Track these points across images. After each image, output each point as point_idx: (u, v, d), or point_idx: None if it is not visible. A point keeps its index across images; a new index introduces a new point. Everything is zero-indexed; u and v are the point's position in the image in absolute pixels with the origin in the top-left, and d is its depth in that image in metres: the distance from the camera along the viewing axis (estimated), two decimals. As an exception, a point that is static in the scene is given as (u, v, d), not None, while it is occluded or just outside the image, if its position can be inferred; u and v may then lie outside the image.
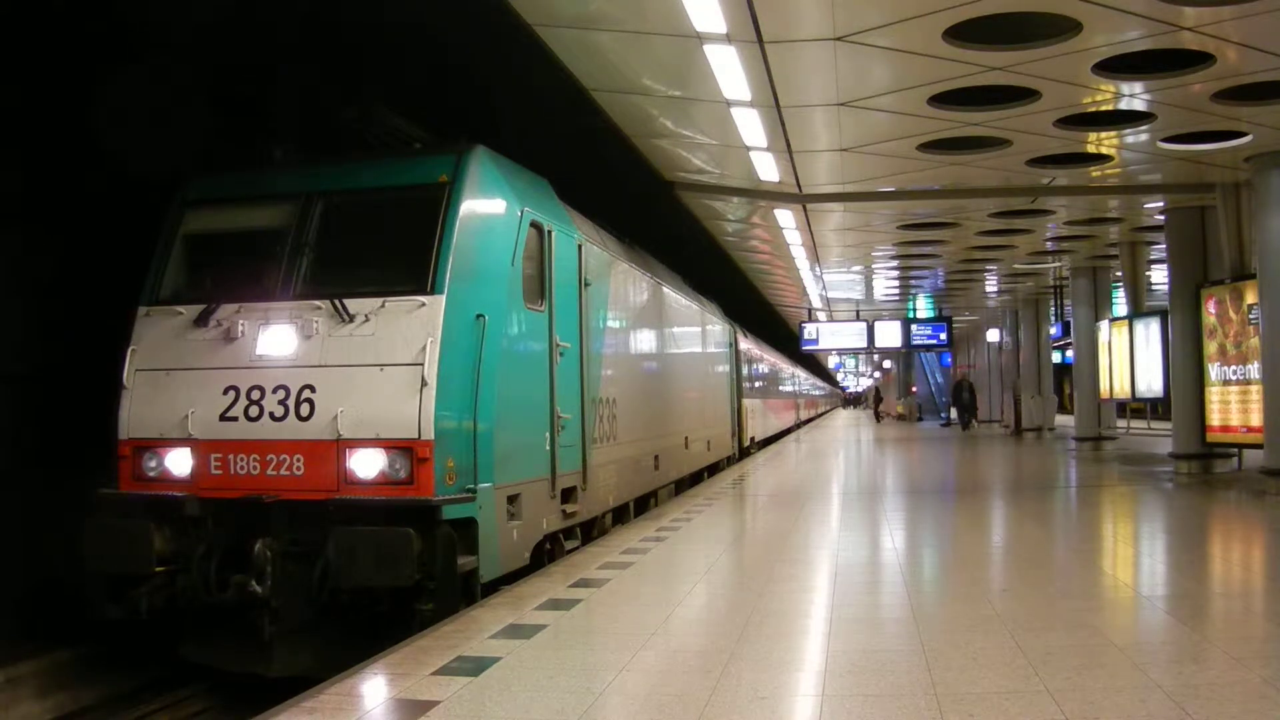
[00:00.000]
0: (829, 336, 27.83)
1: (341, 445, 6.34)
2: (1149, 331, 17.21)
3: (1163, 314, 16.42)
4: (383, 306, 6.58)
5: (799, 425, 40.86)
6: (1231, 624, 5.96)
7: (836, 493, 13.75)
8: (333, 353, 6.54)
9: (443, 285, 6.58)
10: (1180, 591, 6.94)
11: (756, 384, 25.37)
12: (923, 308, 30.29)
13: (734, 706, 4.20)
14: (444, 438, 6.35)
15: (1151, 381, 17.19)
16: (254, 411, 6.51)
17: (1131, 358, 17.85)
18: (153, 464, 6.75)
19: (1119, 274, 20.56)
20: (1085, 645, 5.09)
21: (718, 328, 18.53)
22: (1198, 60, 8.49)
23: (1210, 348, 13.58)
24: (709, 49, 8.10)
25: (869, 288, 26.13)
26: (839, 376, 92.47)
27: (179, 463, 6.67)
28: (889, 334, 26.30)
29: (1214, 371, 13.53)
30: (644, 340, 12.31)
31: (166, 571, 6.42)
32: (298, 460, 6.39)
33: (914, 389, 50.19)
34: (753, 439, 22.86)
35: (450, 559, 6.20)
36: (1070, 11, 7.48)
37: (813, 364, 58.49)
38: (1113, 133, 10.93)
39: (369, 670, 4.86)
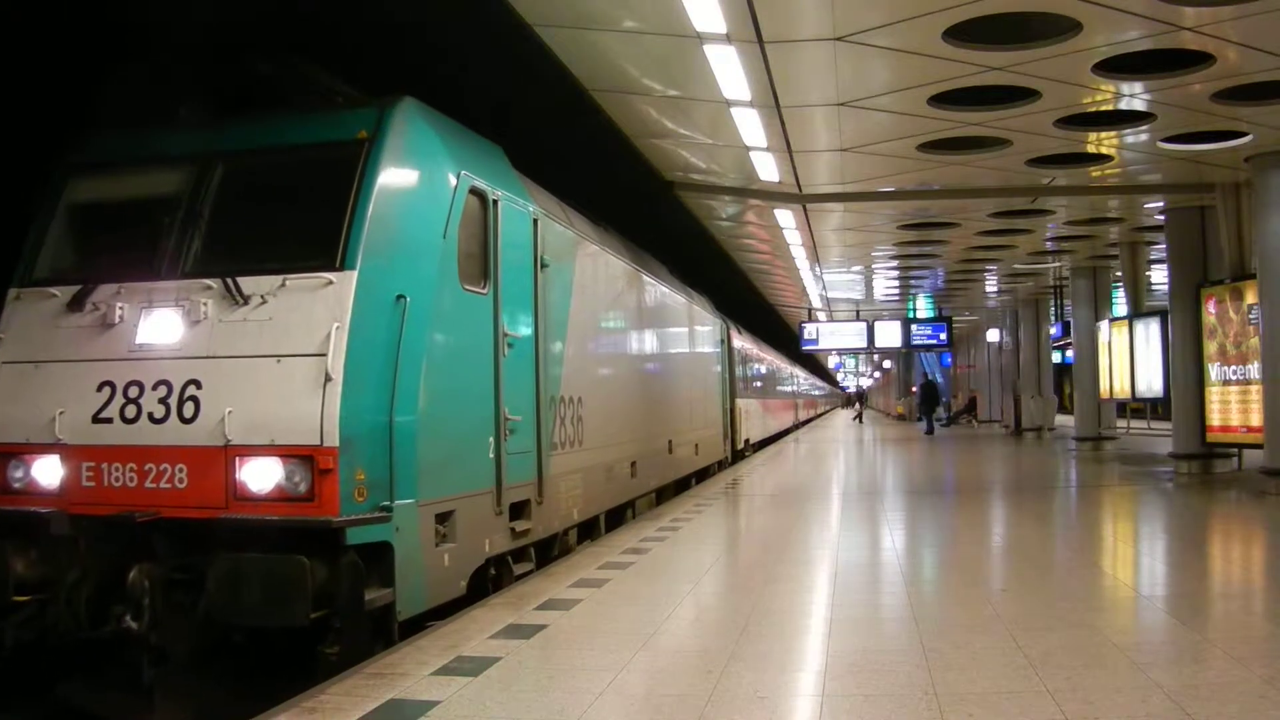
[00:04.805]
0: (829, 336, 27.83)
1: (230, 453, 5.36)
2: (1149, 331, 17.21)
3: (1163, 314, 16.42)
4: (283, 286, 5.60)
5: (797, 426, 40.81)
6: (1231, 624, 5.96)
7: (835, 494, 13.75)
8: (222, 341, 5.59)
9: (354, 260, 5.59)
10: (1180, 591, 6.94)
11: (752, 384, 25.22)
12: (923, 308, 30.29)
13: (734, 706, 4.20)
14: (352, 444, 5.36)
15: (1151, 381, 17.19)
16: (131, 411, 5.55)
17: (1131, 358, 17.85)
18: (19, 474, 5.77)
19: (1119, 274, 20.57)
20: (1085, 645, 5.09)
21: (708, 323, 17.54)
22: (1198, 60, 8.50)
23: (1210, 348, 13.58)
24: (709, 49, 8.11)
25: (869, 288, 26.14)
26: (839, 376, 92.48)
27: (47, 472, 5.69)
28: (889, 334, 26.30)
29: (1214, 371, 13.53)
30: (618, 333, 11.09)
31: (34, 601, 5.49)
32: (180, 470, 5.43)
33: (914, 389, 50.19)
34: (747, 441, 22.43)
35: (356, 593, 5.27)
36: (1070, 11, 7.49)
37: (812, 364, 58.50)
38: (1113, 133, 10.94)
39: (368, 670, 4.86)
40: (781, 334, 38.10)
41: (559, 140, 13.17)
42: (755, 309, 32.32)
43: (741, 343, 22.57)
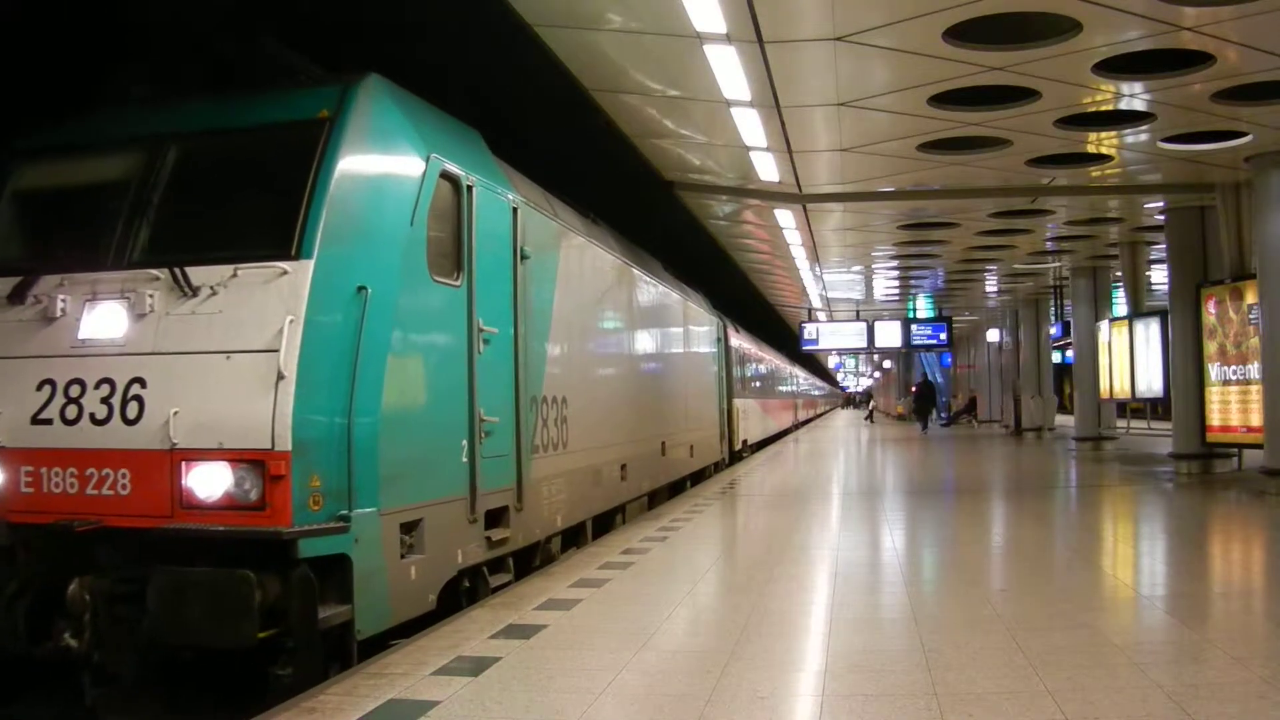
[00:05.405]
0: (829, 336, 27.86)
1: (176, 457, 4.97)
2: (1149, 331, 17.23)
3: (1163, 314, 16.43)
4: (234, 276, 5.20)
5: (797, 426, 40.81)
6: (1231, 624, 5.96)
7: (834, 494, 13.74)
8: (169, 336, 5.19)
9: (311, 248, 5.17)
10: (1180, 591, 6.94)
11: (751, 383, 25.14)
12: (923, 308, 30.31)
13: (734, 706, 4.20)
14: (306, 448, 4.95)
15: (1151, 381, 17.20)
16: (72, 412, 5.17)
17: (1131, 358, 17.86)
18: None
19: (1119, 274, 20.59)
20: (1085, 645, 5.09)
21: (704, 321, 17.17)
22: (1198, 60, 8.50)
23: (1210, 348, 13.58)
24: (709, 49, 8.11)
25: (869, 288, 26.15)
26: (839, 376, 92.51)
27: None
28: (889, 334, 26.33)
29: (1214, 371, 13.53)
30: (607, 330, 10.59)
31: None
32: (123, 476, 5.05)
33: (914, 389, 50.23)
34: (745, 442, 22.22)
35: (308, 610, 4.87)
36: (1070, 11, 7.49)
37: (812, 363, 58.50)
38: (1113, 133, 10.94)
39: (368, 670, 4.86)
40: (781, 333, 38.10)
41: (559, 139, 13.18)
42: (755, 308, 32.33)
43: (739, 341, 22.45)
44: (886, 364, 61.71)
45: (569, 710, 4.19)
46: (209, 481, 4.95)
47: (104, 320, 5.34)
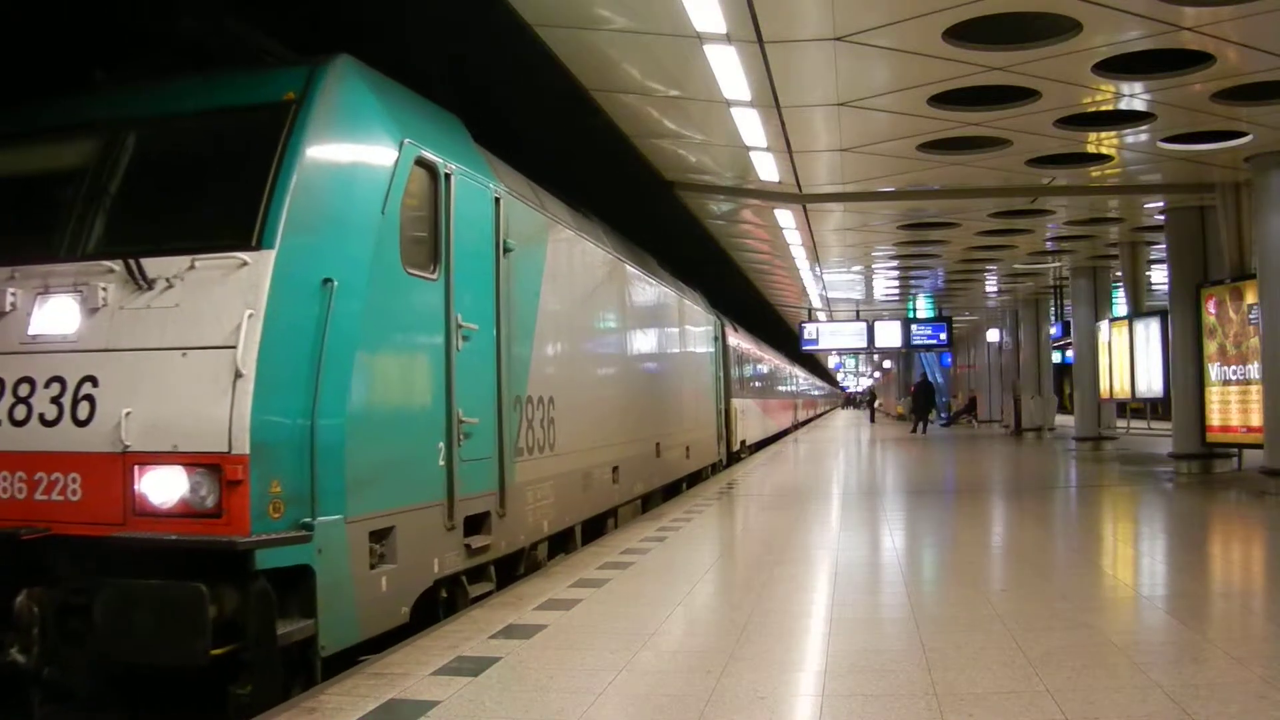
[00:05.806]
0: (829, 336, 27.86)
1: (129, 460, 4.68)
2: (1149, 331, 17.23)
3: (1163, 314, 16.44)
4: (192, 268, 4.92)
5: (797, 426, 40.80)
6: (1231, 624, 5.97)
7: (834, 495, 13.74)
8: (123, 331, 4.90)
9: (273, 238, 4.88)
10: (1180, 591, 6.94)
11: (750, 383, 25.10)
12: (923, 308, 30.32)
13: (734, 706, 4.20)
14: (266, 451, 4.66)
15: (1151, 381, 17.21)
16: (20, 412, 4.88)
17: (1131, 358, 17.87)
18: None
19: (1119, 274, 20.59)
20: (1085, 645, 5.09)
21: (701, 320, 16.84)
22: (1198, 60, 8.50)
23: (1210, 348, 13.59)
24: (709, 49, 8.11)
25: (869, 288, 26.16)
26: (839, 376, 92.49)
27: None
28: (889, 334, 26.32)
29: (1214, 371, 13.54)
30: (598, 328, 10.24)
31: None
32: (73, 480, 4.77)
33: (911, 389, 50.24)
34: (743, 442, 22.02)
35: (266, 625, 4.61)
36: (1070, 11, 7.49)
37: (812, 363, 58.51)
38: (1113, 133, 10.95)
39: (369, 670, 4.86)
40: (781, 333, 38.12)
41: (558, 138, 13.19)
42: (755, 308, 32.35)
43: (737, 341, 22.34)
44: (886, 364, 61.71)
45: (569, 710, 4.19)
46: (163, 486, 4.69)
47: (55, 315, 5.06)
